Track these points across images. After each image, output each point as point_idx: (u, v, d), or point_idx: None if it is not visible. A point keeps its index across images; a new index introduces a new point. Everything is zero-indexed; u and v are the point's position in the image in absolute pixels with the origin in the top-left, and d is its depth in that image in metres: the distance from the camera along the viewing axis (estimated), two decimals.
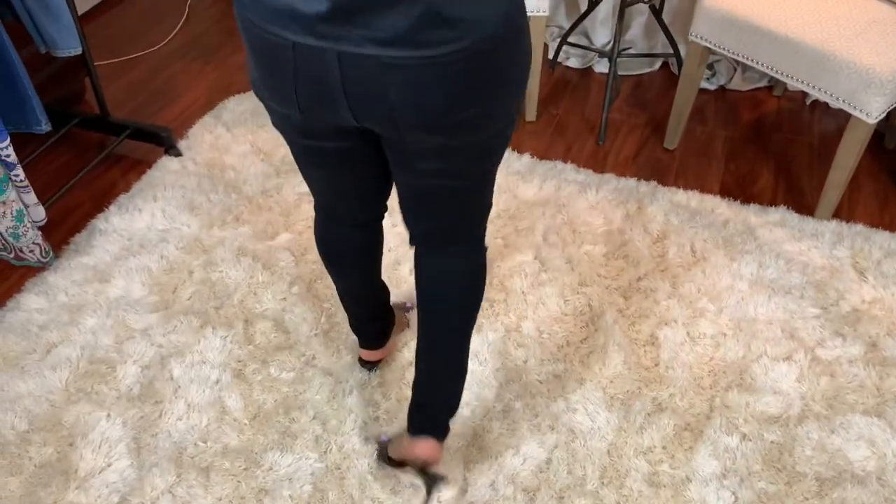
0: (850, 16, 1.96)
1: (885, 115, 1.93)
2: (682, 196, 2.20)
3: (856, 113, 1.92)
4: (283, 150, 2.32)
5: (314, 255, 1.99)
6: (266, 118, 2.44)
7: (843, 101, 1.93)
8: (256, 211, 2.12)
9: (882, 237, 2.06)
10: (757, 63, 2.06)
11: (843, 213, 2.17)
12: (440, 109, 1.07)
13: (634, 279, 1.94)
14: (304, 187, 2.18)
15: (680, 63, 2.46)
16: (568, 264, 1.98)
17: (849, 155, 2.01)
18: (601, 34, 2.75)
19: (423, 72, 1.02)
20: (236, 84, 2.66)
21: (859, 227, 2.09)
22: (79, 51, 2.07)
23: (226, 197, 2.16)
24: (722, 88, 2.68)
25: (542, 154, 2.37)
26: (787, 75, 2.01)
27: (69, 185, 2.13)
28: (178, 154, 2.30)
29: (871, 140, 2.05)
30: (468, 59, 1.02)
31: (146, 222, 2.08)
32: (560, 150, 2.42)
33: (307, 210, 2.12)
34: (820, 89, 1.96)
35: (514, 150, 2.36)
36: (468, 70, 1.04)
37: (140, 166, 2.30)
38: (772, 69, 2.04)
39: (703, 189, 2.24)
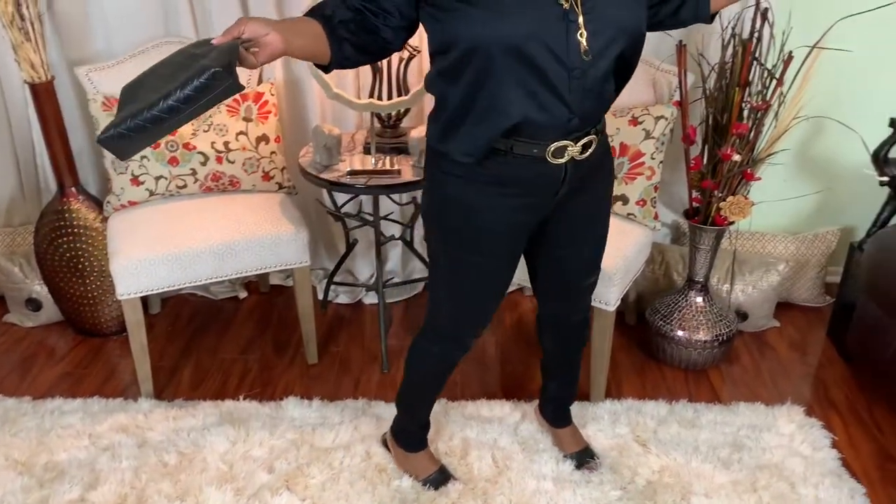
0: None
1: (619, 300, 2.21)
2: (472, 408, 2.28)
3: (598, 305, 2.17)
4: (44, 457, 2.07)
5: None
6: (19, 424, 2.19)
7: None
8: None
9: (650, 406, 2.27)
10: None
11: (613, 391, 2.38)
12: None
13: None
14: (76, 493, 1.94)
15: None
16: None
17: (602, 340, 2.24)
18: (364, 269, 2.91)
19: None
20: None
21: (630, 402, 2.29)
22: None
23: None
24: None
25: (332, 395, 2.36)
26: None
27: None
28: None
29: (616, 319, 2.32)
30: None
31: None
32: (349, 387, 2.43)
33: None
34: None
35: (302, 398, 2.32)
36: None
37: None
38: None
39: (489, 396, 2.35)
